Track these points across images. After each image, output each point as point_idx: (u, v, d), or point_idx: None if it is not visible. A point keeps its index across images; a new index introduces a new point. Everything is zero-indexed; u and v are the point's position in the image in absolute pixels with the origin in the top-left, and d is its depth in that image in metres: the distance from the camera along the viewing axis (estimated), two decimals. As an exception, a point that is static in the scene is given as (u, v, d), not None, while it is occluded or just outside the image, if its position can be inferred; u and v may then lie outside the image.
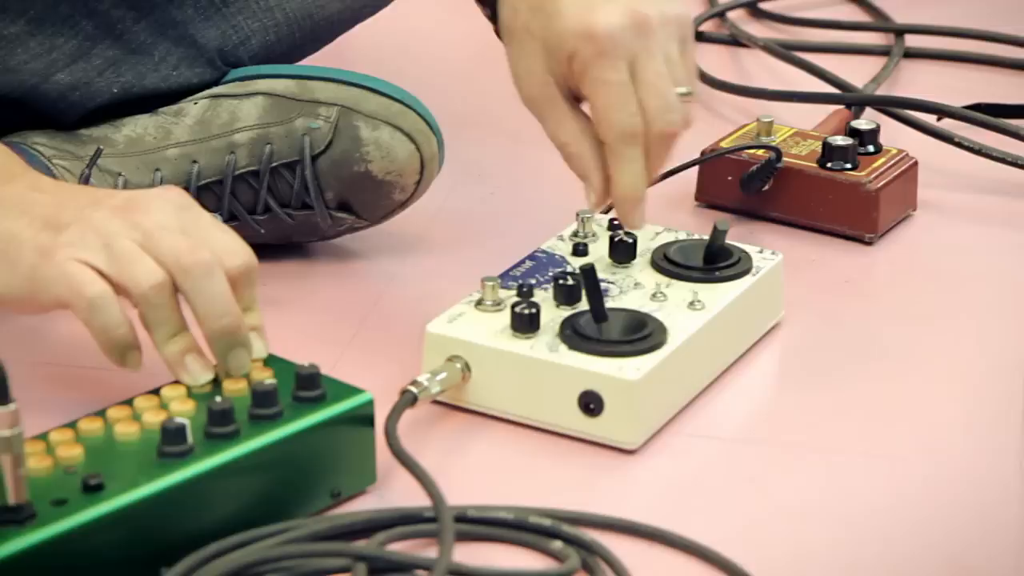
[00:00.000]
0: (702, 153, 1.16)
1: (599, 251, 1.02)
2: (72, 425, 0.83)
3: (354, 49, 1.32)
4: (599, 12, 0.92)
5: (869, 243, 1.13)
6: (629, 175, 0.93)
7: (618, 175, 0.93)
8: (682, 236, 1.03)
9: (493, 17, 0.98)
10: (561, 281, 0.96)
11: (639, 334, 0.93)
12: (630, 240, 1.00)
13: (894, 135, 1.20)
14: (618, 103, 0.92)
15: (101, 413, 0.84)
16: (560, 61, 0.93)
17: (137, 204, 0.89)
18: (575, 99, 0.95)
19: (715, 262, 1.00)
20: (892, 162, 1.14)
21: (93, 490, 0.78)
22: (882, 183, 1.12)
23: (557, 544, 0.83)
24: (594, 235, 1.03)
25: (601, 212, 1.00)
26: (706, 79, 1.31)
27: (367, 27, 1.19)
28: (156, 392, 0.86)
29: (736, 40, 1.41)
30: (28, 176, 0.91)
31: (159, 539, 0.80)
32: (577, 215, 1.03)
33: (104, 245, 0.86)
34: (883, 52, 1.40)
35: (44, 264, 0.86)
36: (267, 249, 1.08)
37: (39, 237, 0.87)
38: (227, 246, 0.88)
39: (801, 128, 1.18)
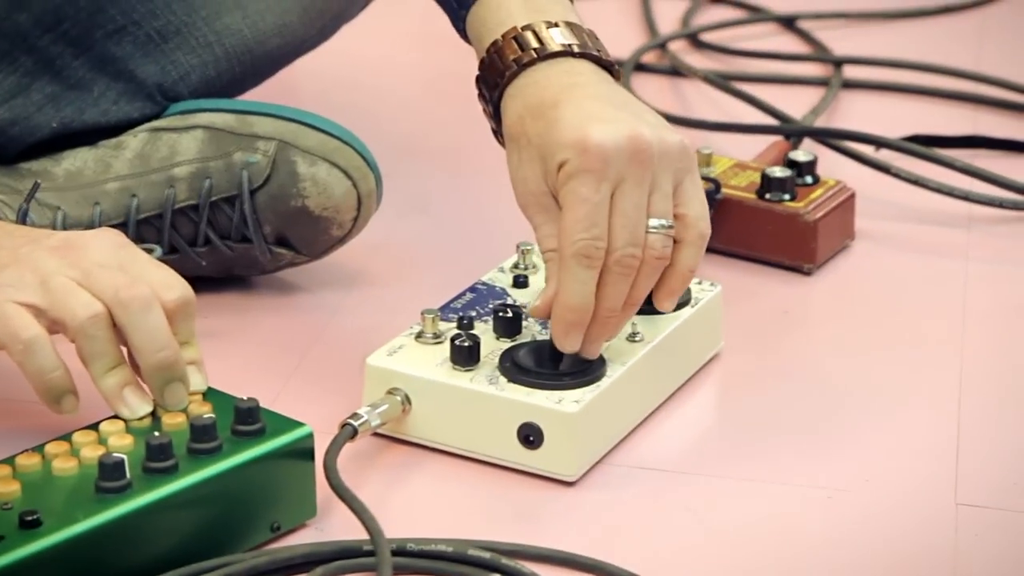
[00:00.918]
0: (642, 185, 1.16)
1: (539, 283, 1.02)
2: (9, 461, 0.83)
3: (298, 81, 1.33)
4: (597, 127, 0.89)
5: (808, 273, 1.14)
6: (572, 295, 0.90)
7: (561, 291, 0.90)
8: (622, 268, 1.03)
9: (495, 116, 0.96)
10: (501, 313, 0.96)
11: (578, 367, 0.93)
12: (570, 272, 1.00)
13: (832, 166, 1.21)
14: (585, 222, 0.88)
15: (39, 448, 0.84)
16: (551, 170, 0.90)
17: (74, 243, 0.89)
18: None
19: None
20: (830, 193, 1.15)
21: (30, 526, 0.78)
22: (820, 214, 1.13)
23: (496, 577, 0.83)
24: (534, 267, 1.04)
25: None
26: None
27: (311, 59, 1.19)
28: (95, 427, 0.86)
29: (677, 71, 1.42)
30: None
31: (97, 575, 0.79)
32: (518, 247, 1.04)
33: (41, 282, 0.86)
34: (822, 83, 1.41)
35: None
36: (209, 282, 1.08)
37: None
38: (164, 280, 0.88)
39: (740, 159, 1.19)
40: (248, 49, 1.11)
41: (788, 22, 1.52)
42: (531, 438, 0.92)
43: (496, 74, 0.94)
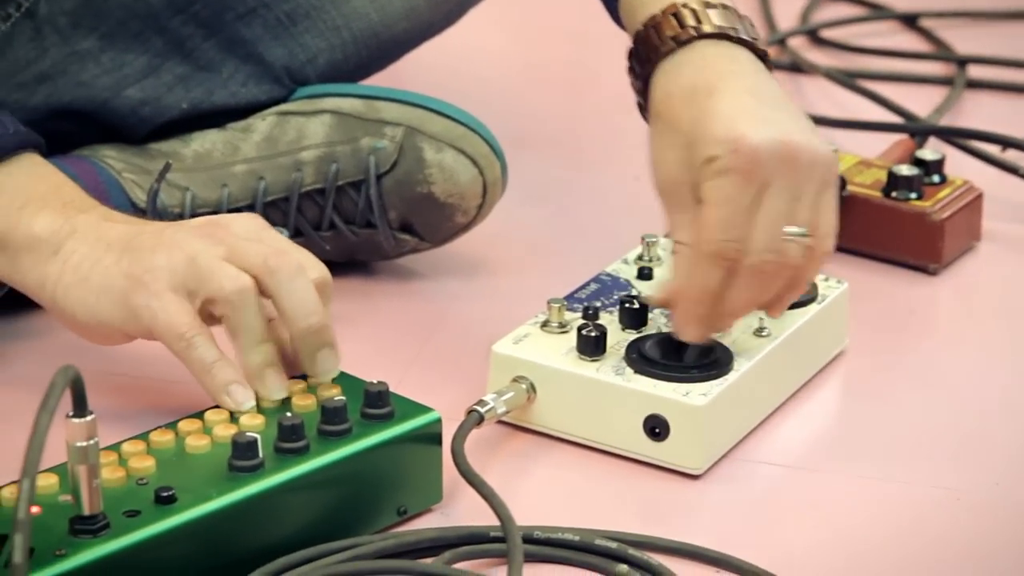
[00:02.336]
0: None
1: (664, 275, 1.01)
2: (144, 437, 0.84)
3: (414, 69, 1.33)
4: (752, 127, 0.87)
5: (933, 273, 1.13)
6: (700, 290, 0.89)
7: (690, 284, 0.89)
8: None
9: (643, 92, 0.94)
10: (627, 304, 0.96)
11: (705, 360, 0.93)
12: (696, 265, 1.00)
13: (958, 165, 1.20)
14: (727, 223, 0.87)
15: (172, 425, 0.85)
16: (697, 163, 0.89)
17: (216, 222, 0.90)
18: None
19: (781, 289, 0.99)
20: (957, 193, 1.14)
21: (166, 502, 0.79)
22: (947, 213, 1.12)
23: (623, 568, 0.82)
24: (658, 259, 1.03)
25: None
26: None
27: (427, 46, 1.19)
28: (226, 405, 0.87)
29: (797, 67, 1.41)
30: (100, 208, 0.92)
31: (229, 552, 0.80)
32: (642, 239, 1.04)
33: (189, 261, 0.87)
34: (945, 82, 1.39)
35: (137, 293, 0.87)
36: (331, 266, 1.07)
37: (123, 262, 0.88)
38: (303, 260, 0.89)
39: (865, 156, 1.18)
40: (375, 33, 1.12)
41: (910, 20, 1.51)
42: (657, 430, 0.91)
43: (650, 49, 0.92)
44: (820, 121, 1.27)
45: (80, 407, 0.75)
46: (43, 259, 0.89)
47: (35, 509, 0.77)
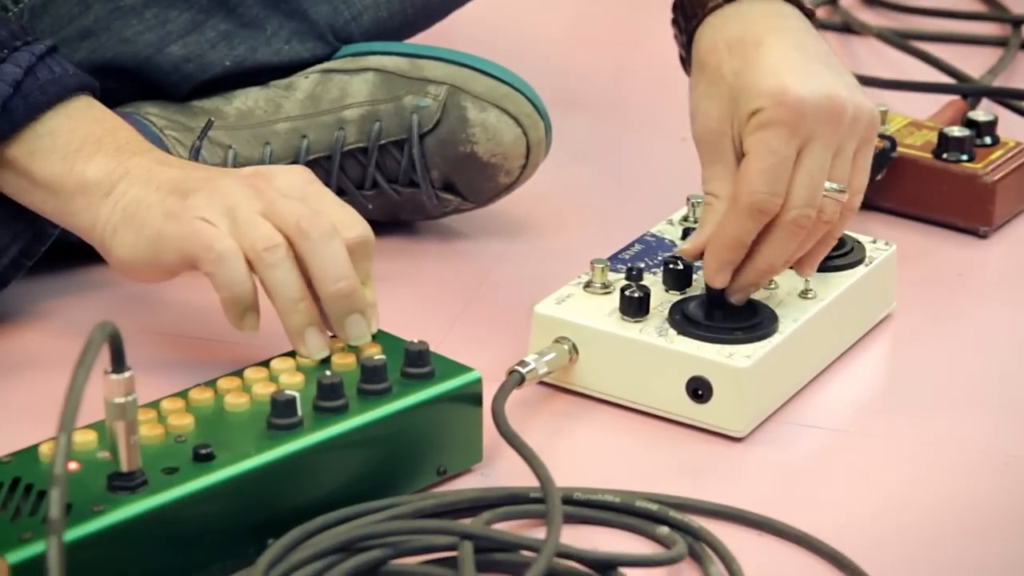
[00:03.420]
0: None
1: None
2: (183, 394, 0.83)
3: (459, 28, 1.32)
4: (798, 80, 0.87)
5: (983, 236, 1.11)
6: (732, 239, 0.89)
7: (723, 232, 0.89)
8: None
9: (687, 46, 0.94)
10: (671, 265, 0.95)
11: (750, 321, 0.92)
12: (741, 226, 0.99)
13: (1010, 127, 1.18)
14: (769, 175, 0.87)
15: (211, 383, 0.84)
16: (741, 115, 0.88)
17: (263, 173, 0.89)
18: (741, 155, 0.90)
19: (828, 251, 0.98)
20: (1010, 155, 1.12)
21: (204, 459, 0.78)
22: (999, 176, 1.11)
23: (664, 530, 0.82)
24: (704, 220, 1.02)
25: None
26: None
27: (473, 5, 1.18)
28: (266, 364, 0.86)
29: (849, 27, 1.40)
30: (155, 152, 0.92)
31: (266, 510, 0.80)
32: (688, 199, 1.03)
33: (228, 209, 0.87)
34: (999, 43, 1.38)
35: (171, 224, 0.87)
36: (374, 226, 1.07)
37: (167, 201, 0.88)
38: (345, 218, 0.88)
39: (915, 118, 1.17)
40: (421, -9, 1.11)
41: (964, -20, 1.49)
42: (700, 392, 0.90)
43: (697, 4, 0.92)
44: (871, 82, 1.26)
45: (118, 363, 0.74)
46: (96, 201, 0.89)
47: (73, 465, 0.77)
